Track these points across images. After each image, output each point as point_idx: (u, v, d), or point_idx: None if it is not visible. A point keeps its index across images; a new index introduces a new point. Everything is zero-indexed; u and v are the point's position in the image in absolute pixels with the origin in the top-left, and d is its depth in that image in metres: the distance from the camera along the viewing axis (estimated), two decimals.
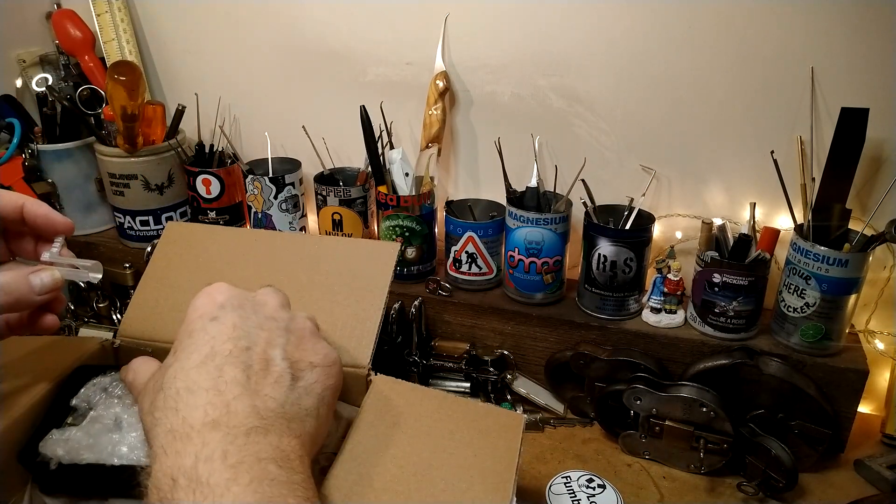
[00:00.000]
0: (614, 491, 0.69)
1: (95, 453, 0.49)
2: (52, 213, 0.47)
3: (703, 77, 0.82)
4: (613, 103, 0.87)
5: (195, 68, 1.10)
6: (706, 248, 0.79)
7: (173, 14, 1.07)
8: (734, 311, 0.77)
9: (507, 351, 0.88)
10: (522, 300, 0.87)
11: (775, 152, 0.76)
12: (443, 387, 0.87)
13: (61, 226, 0.47)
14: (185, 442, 0.34)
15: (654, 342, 0.81)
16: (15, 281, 0.41)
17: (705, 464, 0.75)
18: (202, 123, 1.04)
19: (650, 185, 0.86)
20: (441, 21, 0.91)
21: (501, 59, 0.90)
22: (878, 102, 0.73)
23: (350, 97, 0.95)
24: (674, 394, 0.73)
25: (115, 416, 0.53)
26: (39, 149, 1.01)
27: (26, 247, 0.49)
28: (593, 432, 0.83)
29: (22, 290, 0.42)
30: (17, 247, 0.49)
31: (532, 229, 0.82)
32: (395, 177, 0.89)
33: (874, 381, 0.82)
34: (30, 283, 0.42)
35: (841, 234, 0.75)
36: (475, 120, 0.96)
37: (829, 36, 0.75)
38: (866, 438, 0.81)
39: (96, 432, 0.51)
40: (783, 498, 0.72)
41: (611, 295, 0.82)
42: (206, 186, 1.00)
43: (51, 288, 0.43)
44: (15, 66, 1.06)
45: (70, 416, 0.53)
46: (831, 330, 0.74)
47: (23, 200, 0.45)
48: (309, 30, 0.99)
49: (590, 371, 0.81)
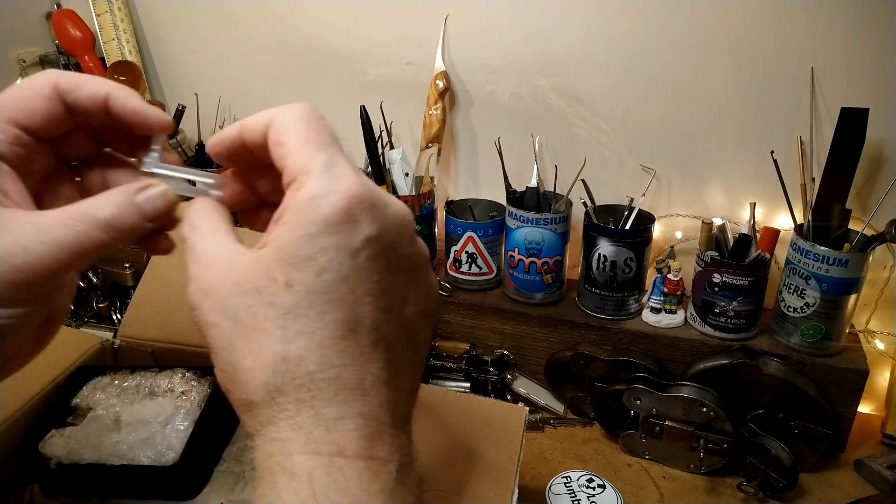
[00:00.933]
0: (614, 491, 0.70)
1: (95, 453, 0.49)
2: (145, 106, 0.34)
3: (703, 77, 0.82)
4: (613, 103, 0.87)
5: (195, 68, 1.10)
6: (706, 248, 0.79)
7: (173, 14, 1.07)
8: (734, 311, 0.77)
9: (507, 351, 0.88)
10: (522, 300, 0.87)
11: (775, 152, 0.76)
12: (443, 387, 0.87)
13: (157, 122, 0.35)
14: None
15: (654, 342, 0.81)
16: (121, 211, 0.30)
17: (705, 464, 0.75)
18: (202, 123, 1.04)
19: (650, 185, 0.86)
20: (441, 21, 0.91)
21: (501, 59, 0.90)
22: (878, 102, 0.73)
23: (350, 97, 0.95)
24: (674, 394, 0.73)
25: (115, 415, 0.53)
26: None
27: (119, 146, 0.37)
28: (593, 432, 0.83)
29: (132, 219, 0.31)
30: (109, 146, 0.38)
31: (532, 229, 0.82)
32: (395, 177, 0.89)
33: (874, 381, 0.82)
34: (139, 209, 0.31)
35: (841, 234, 0.75)
36: (475, 120, 0.96)
37: (829, 36, 0.75)
38: (866, 438, 0.81)
39: (96, 432, 0.51)
40: (783, 498, 0.72)
41: (611, 295, 0.82)
42: None
43: (164, 212, 0.32)
44: (15, 66, 1.06)
45: (70, 415, 0.53)
46: (831, 330, 0.74)
47: (107, 89, 0.33)
48: (309, 30, 0.99)
49: (590, 371, 0.81)
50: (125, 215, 0.31)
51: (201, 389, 0.56)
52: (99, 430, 0.51)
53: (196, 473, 0.52)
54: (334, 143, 0.30)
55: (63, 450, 0.49)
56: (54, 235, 0.29)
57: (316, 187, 0.27)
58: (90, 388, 0.55)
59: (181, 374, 0.57)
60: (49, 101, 0.32)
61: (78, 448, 0.49)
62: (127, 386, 0.56)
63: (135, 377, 0.57)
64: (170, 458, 0.49)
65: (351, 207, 0.27)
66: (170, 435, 0.51)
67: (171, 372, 0.58)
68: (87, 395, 0.55)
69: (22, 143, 0.32)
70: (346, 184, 0.27)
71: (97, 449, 0.49)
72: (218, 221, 0.32)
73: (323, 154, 0.28)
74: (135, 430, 0.51)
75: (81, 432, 0.51)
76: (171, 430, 0.52)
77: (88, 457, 0.49)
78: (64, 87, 0.32)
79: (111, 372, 0.57)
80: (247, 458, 0.54)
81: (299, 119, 0.30)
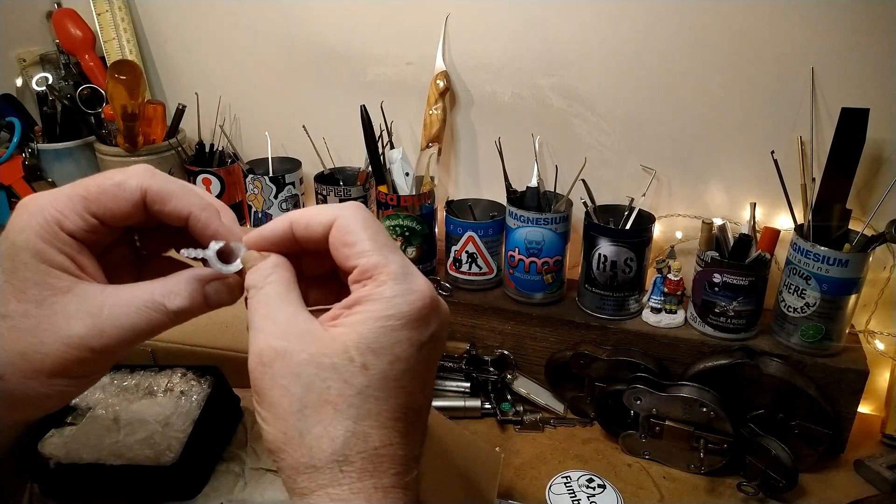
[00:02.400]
0: (614, 491, 0.70)
1: (95, 453, 0.49)
2: (222, 230, 0.34)
3: (704, 77, 0.81)
4: (613, 103, 0.87)
5: (195, 68, 1.09)
6: (706, 248, 0.78)
7: (173, 14, 1.07)
8: (734, 311, 0.77)
9: (508, 351, 0.88)
10: (522, 300, 0.87)
11: (775, 152, 0.76)
12: (443, 387, 0.87)
13: (233, 238, 0.34)
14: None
15: (654, 342, 0.81)
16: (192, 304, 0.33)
17: (705, 464, 0.75)
18: (202, 123, 1.04)
19: (650, 185, 0.86)
20: (441, 21, 0.91)
21: (501, 59, 0.90)
22: (878, 102, 0.73)
23: (350, 97, 0.95)
24: (674, 394, 0.73)
25: (115, 415, 0.53)
26: (39, 148, 1.01)
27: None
28: (593, 432, 0.83)
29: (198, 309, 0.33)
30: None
31: (532, 229, 0.82)
32: (396, 176, 0.89)
33: (874, 382, 0.82)
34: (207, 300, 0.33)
35: (841, 234, 0.75)
36: (475, 120, 0.95)
37: (829, 36, 0.75)
38: (866, 438, 0.81)
39: (96, 432, 0.51)
40: (783, 498, 0.72)
41: (611, 295, 0.82)
42: (207, 186, 1.00)
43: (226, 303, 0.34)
44: (15, 65, 1.06)
45: (70, 415, 0.53)
46: (831, 330, 0.74)
47: (190, 209, 0.33)
48: (309, 30, 0.99)
49: (590, 371, 0.81)
50: (194, 306, 0.33)
51: (201, 389, 0.56)
52: (98, 430, 0.51)
53: (196, 473, 0.52)
54: (393, 242, 0.34)
55: (62, 449, 0.49)
56: (127, 322, 0.31)
57: (397, 286, 0.31)
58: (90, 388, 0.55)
59: (181, 374, 0.57)
60: (134, 207, 0.33)
61: (77, 448, 0.49)
62: (126, 385, 0.56)
63: (134, 377, 0.57)
64: (169, 458, 0.49)
65: (427, 307, 0.31)
66: (169, 435, 0.51)
67: (170, 371, 0.57)
68: (86, 394, 0.55)
69: (98, 231, 0.33)
70: (423, 286, 0.31)
71: (96, 449, 0.49)
72: (290, 282, 0.33)
73: (397, 257, 0.32)
74: (134, 429, 0.51)
75: (81, 432, 0.51)
76: (170, 429, 0.52)
77: (88, 456, 0.49)
78: (151, 198, 0.33)
79: (110, 371, 0.57)
80: (247, 459, 0.54)
81: (363, 221, 0.32)
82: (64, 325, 0.30)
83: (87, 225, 0.32)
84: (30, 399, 0.32)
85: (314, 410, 0.29)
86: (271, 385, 0.30)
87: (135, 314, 0.31)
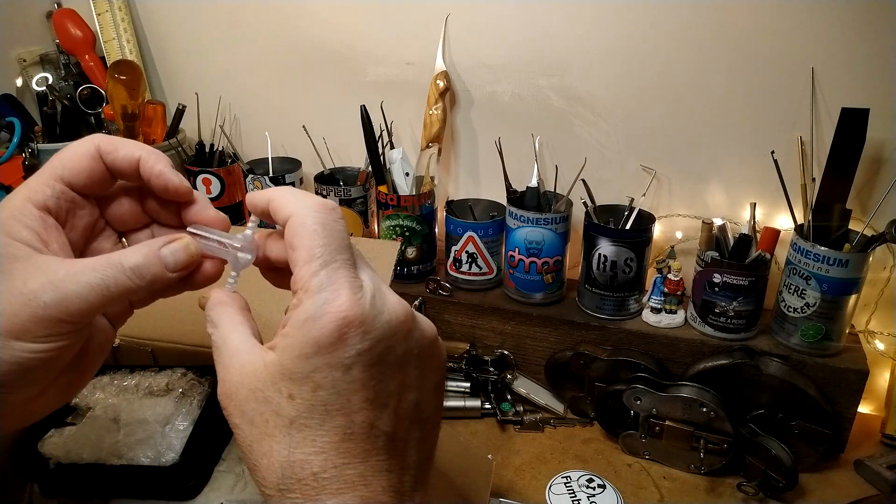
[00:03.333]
0: (614, 491, 0.70)
1: (95, 453, 0.49)
2: (168, 171, 0.35)
3: (704, 77, 0.81)
4: (613, 103, 0.87)
5: (195, 68, 1.09)
6: (706, 248, 0.78)
7: (173, 14, 1.07)
8: (734, 311, 0.77)
9: (508, 351, 0.88)
10: (522, 300, 0.87)
11: (775, 152, 0.76)
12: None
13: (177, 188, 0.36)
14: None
15: (654, 342, 0.81)
16: (147, 261, 0.33)
17: (705, 464, 0.75)
18: (202, 123, 1.03)
19: (650, 185, 0.86)
20: (441, 21, 0.91)
21: (501, 59, 0.90)
22: (878, 102, 0.73)
23: (350, 97, 0.95)
24: (674, 394, 0.73)
25: (115, 415, 0.53)
26: (40, 148, 1.00)
27: (167, 222, 0.39)
28: (593, 432, 0.83)
29: (156, 269, 0.33)
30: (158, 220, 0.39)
31: (532, 229, 0.82)
32: (396, 176, 0.89)
33: (874, 382, 0.82)
34: (164, 259, 0.33)
35: (841, 234, 0.75)
36: (475, 120, 0.95)
37: (829, 36, 0.75)
38: (866, 438, 0.81)
39: (96, 432, 0.51)
40: (783, 498, 0.72)
41: (611, 295, 0.82)
42: (207, 186, 1.00)
43: (186, 264, 0.34)
44: (15, 65, 1.06)
45: (69, 415, 0.53)
46: (831, 330, 0.74)
47: (139, 152, 0.35)
48: (309, 30, 0.99)
49: (590, 371, 0.81)
50: (150, 264, 0.33)
51: (201, 389, 0.56)
52: (98, 430, 0.51)
53: (196, 473, 0.52)
54: (343, 252, 0.31)
55: (62, 450, 0.49)
56: (84, 278, 0.31)
57: (310, 308, 0.30)
58: (89, 388, 0.55)
59: (181, 374, 0.57)
60: (91, 160, 0.35)
61: (77, 448, 0.49)
62: (126, 385, 0.56)
63: (134, 377, 0.57)
64: (169, 459, 0.49)
65: (340, 329, 0.29)
66: (169, 435, 0.51)
67: (170, 372, 0.57)
68: (86, 394, 0.55)
69: (67, 198, 0.35)
70: (338, 305, 0.29)
71: (96, 449, 0.49)
72: (233, 315, 0.35)
73: (323, 272, 0.30)
74: (134, 429, 0.51)
75: (81, 432, 0.51)
76: (170, 430, 0.52)
77: (88, 457, 0.49)
78: (104, 149, 0.35)
79: (110, 371, 0.57)
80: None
81: (314, 225, 0.31)
82: (20, 284, 0.31)
83: (54, 192, 0.34)
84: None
85: (258, 444, 0.30)
86: (232, 426, 0.31)
87: (90, 271, 0.32)
